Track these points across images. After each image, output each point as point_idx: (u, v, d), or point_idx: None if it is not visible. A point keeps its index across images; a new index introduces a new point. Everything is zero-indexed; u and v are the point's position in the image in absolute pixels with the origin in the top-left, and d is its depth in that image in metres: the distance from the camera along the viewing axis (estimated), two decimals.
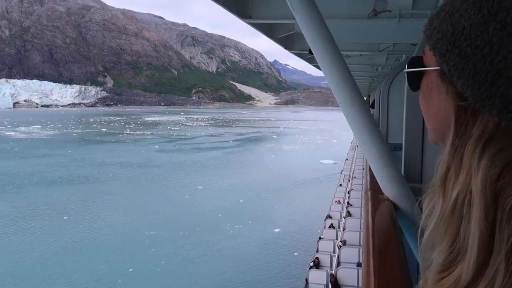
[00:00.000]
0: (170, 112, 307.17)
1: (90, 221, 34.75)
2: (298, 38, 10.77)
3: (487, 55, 0.59)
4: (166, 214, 36.93)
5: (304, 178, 52.94)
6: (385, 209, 2.43)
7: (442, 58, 0.68)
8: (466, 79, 0.63)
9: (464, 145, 0.65)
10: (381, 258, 1.73)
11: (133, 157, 72.99)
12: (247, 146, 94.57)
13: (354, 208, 20.24)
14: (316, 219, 32.27)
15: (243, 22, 7.51)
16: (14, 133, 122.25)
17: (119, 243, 29.60)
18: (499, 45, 0.58)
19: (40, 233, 31.96)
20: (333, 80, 2.61)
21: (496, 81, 0.59)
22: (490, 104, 0.60)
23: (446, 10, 0.68)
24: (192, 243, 29.65)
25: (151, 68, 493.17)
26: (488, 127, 0.62)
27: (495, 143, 0.61)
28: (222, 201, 41.39)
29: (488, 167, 0.60)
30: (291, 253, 27.54)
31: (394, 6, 6.51)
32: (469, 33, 0.62)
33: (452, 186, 0.66)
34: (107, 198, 43.10)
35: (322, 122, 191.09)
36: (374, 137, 2.63)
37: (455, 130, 0.67)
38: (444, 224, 0.67)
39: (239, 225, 33.50)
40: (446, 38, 0.66)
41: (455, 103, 0.67)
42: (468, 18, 0.62)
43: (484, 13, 0.60)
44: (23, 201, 41.49)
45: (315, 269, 16.57)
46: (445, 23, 0.67)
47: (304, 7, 2.58)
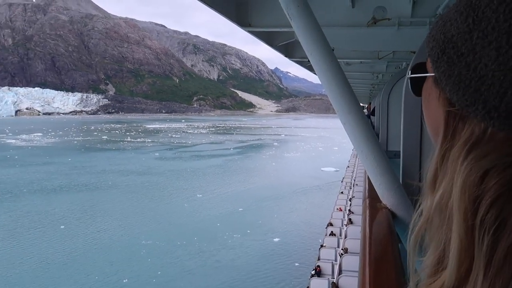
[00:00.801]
0: (171, 120, 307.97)
1: (87, 231, 34.26)
2: (298, 46, 10.81)
3: (470, 63, 0.60)
4: (164, 223, 36.50)
5: (305, 186, 52.71)
6: (383, 217, 2.41)
7: (434, 65, 0.69)
8: (452, 85, 0.64)
9: (450, 149, 0.66)
10: (377, 268, 1.71)
11: (133, 165, 72.93)
12: (248, 154, 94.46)
13: (356, 215, 20.12)
14: (316, 227, 31.98)
15: (244, 31, 7.54)
16: (15, 140, 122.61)
17: (115, 253, 29.04)
18: (481, 53, 0.59)
19: (34, 243, 31.35)
20: (330, 88, 2.61)
21: (479, 88, 0.59)
22: (474, 110, 0.61)
23: (443, 19, 0.70)
24: (190, 253, 29.14)
25: (153, 76, 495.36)
26: (475, 132, 0.63)
27: (479, 148, 0.61)
28: (221, 210, 40.97)
29: (468, 172, 0.60)
30: (291, 263, 27.11)
31: (393, 14, 6.53)
32: (456, 41, 0.63)
33: (438, 189, 0.67)
34: (105, 207, 42.72)
35: (323, 129, 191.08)
36: (371, 144, 2.62)
37: (443, 135, 0.69)
38: (430, 226, 0.68)
39: (237, 234, 33.05)
40: (438, 46, 0.68)
41: (444, 108, 0.69)
42: (456, 27, 0.64)
43: (469, 22, 0.61)
44: (21, 210, 40.92)
45: (316, 277, 16.44)
46: (439, 31, 0.68)
47: (300, 16, 2.59)
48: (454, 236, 0.61)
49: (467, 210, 0.59)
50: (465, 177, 0.60)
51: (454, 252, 0.60)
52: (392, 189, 2.57)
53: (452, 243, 0.61)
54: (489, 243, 0.56)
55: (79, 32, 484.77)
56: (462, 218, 0.59)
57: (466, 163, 0.61)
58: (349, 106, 2.57)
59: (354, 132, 2.62)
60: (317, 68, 2.64)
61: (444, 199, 0.65)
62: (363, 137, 2.59)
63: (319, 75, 2.66)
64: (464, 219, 0.59)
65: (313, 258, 20.56)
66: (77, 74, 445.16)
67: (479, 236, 0.57)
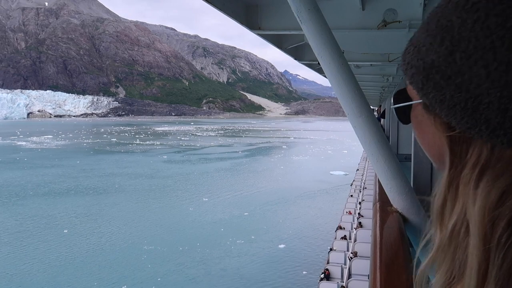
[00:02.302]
0: (180, 122, 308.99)
1: (89, 235, 33.70)
2: (308, 48, 10.79)
3: (461, 84, 0.58)
4: (168, 227, 35.86)
5: (313, 189, 52.27)
6: (394, 221, 2.39)
7: (421, 92, 0.67)
8: (448, 110, 0.62)
9: (459, 175, 0.64)
10: (388, 272, 1.70)
11: (141, 168, 73.00)
12: (256, 157, 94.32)
13: (366, 219, 19.99)
14: (324, 234, 31.46)
15: (253, 33, 7.56)
16: (26, 143, 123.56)
17: (115, 258, 28.35)
18: (469, 73, 0.57)
19: (35, 247, 30.77)
20: (340, 91, 2.60)
21: (477, 108, 0.57)
22: (477, 131, 0.59)
23: (414, 45, 0.67)
24: (192, 259, 28.35)
25: (163, 79, 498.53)
26: (482, 154, 0.60)
27: (490, 170, 0.59)
28: (227, 214, 40.21)
29: (486, 195, 0.58)
30: (299, 271, 26.36)
31: (404, 16, 6.49)
32: (438, 66, 0.61)
33: (448, 217, 0.65)
34: (110, 210, 42.33)
35: (332, 132, 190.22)
36: (382, 148, 2.60)
37: (449, 161, 0.66)
38: (442, 254, 0.66)
39: (241, 240, 32.19)
40: (419, 72, 0.65)
41: (444, 133, 0.66)
42: (434, 51, 0.62)
43: (447, 44, 0.59)
44: (27, 213, 40.41)
45: (325, 281, 16.36)
46: (415, 58, 0.66)
47: (311, 19, 2.59)
48: (472, 261, 0.59)
49: (486, 234, 0.57)
50: (483, 201, 0.58)
51: (472, 276, 0.58)
52: (403, 193, 2.55)
53: (468, 266, 0.60)
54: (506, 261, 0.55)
55: (91, 36, 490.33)
56: (482, 242, 0.57)
57: (482, 186, 0.59)
58: (360, 109, 2.56)
59: (364, 135, 2.60)
60: (327, 71, 2.63)
61: (457, 227, 0.63)
62: (374, 140, 2.58)
63: (329, 78, 2.65)
64: (484, 243, 0.57)
65: (322, 265, 20.21)
66: (88, 77, 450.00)
67: (496, 256, 0.56)
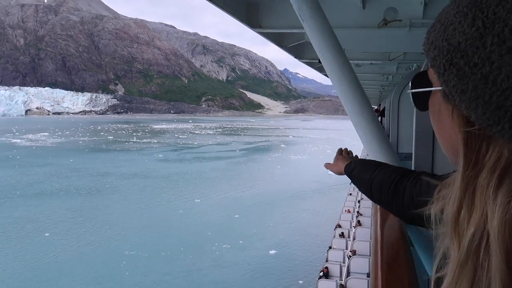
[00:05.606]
0: (179, 120, 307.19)
1: (70, 240, 31.11)
2: (308, 47, 10.79)
3: (488, 75, 0.51)
4: (154, 231, 33.57)
5: (311, 190, 51.53)
6: (394, 220, 2.39)
7: (441, 78, 0.58)
8: (468, 102, 0.54)
9: (476, 178, 0.56)
10: (389, 271, 1.70)
11: (135, 167, 70.87)
12: (254, 156, 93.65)
13: (364, 217, 20.08)
14: (321, 235, 30.59)
15: (253, 31, 7.55)
16: (20, 140, 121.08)
17: (92, 266, 25.95)
18: (500, 62, 0.49)
19: (9, 252, 28.36)
20: (342, 89, 2.59)
21: (503, 103, 0.50)
22: (499, 130, 0.52)
23: (441, 22, 0.59)
24: (176, 266, 26.09)
25: (162, 76, 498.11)
26: (502, 156, 0.53)
27: (511, 175, 0.52)
28: (217, 217, 38.09)
29: (507, 205, 0.51)
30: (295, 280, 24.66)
31: (404, 15, 6.48)
32: (465, 49, 0.53)
33: (466, 227, 0.56)
34: (98, 213, 39.91)
35: (332, 131, 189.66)
36: (383, 146, 2.60)
37: (465, 161, 0.57)
38: (461, 269, 0.56)
39: (227, 244, 30.07)
40: (442, 55, 0.57)
41: (461, 128, 0.58)
42: (462, 32, 0.54)
43: (478, 25, 0.51)
44: (10, 217, 37.55)
45: (324, 279, 16.39)
46: (440, 38, 0.58)
47: (312, 17, 2.58)
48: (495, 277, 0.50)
49: (509, 249, 0.49)
50: (503, 213, 0.51)
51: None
52: None
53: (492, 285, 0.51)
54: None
55: (90, 33, 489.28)
56: (504, 259, 0.49)
57: (502, 195, 0.51)
58: (361, 108, 2.56)
59: (365, 134, 2.60)
60: (328, 69, 2.62)
61: (476, 242, 0.54)
62: (375, 139, 2.57)
63: (330, 76, 2.65)
64: (507, 260, 0.49)
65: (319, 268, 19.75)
66: (87, 74, 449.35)
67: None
